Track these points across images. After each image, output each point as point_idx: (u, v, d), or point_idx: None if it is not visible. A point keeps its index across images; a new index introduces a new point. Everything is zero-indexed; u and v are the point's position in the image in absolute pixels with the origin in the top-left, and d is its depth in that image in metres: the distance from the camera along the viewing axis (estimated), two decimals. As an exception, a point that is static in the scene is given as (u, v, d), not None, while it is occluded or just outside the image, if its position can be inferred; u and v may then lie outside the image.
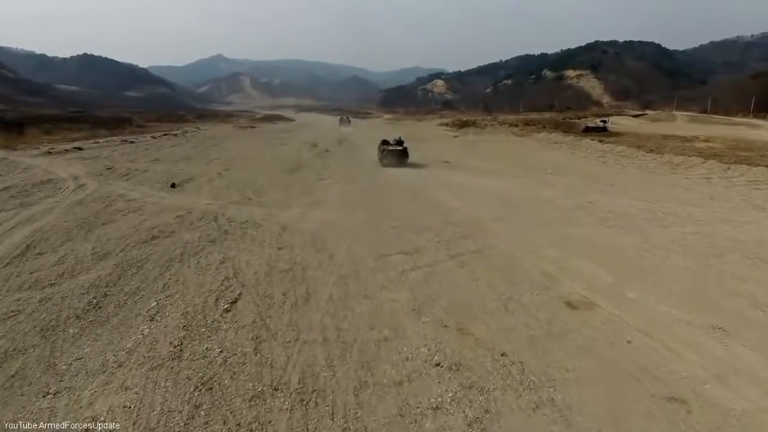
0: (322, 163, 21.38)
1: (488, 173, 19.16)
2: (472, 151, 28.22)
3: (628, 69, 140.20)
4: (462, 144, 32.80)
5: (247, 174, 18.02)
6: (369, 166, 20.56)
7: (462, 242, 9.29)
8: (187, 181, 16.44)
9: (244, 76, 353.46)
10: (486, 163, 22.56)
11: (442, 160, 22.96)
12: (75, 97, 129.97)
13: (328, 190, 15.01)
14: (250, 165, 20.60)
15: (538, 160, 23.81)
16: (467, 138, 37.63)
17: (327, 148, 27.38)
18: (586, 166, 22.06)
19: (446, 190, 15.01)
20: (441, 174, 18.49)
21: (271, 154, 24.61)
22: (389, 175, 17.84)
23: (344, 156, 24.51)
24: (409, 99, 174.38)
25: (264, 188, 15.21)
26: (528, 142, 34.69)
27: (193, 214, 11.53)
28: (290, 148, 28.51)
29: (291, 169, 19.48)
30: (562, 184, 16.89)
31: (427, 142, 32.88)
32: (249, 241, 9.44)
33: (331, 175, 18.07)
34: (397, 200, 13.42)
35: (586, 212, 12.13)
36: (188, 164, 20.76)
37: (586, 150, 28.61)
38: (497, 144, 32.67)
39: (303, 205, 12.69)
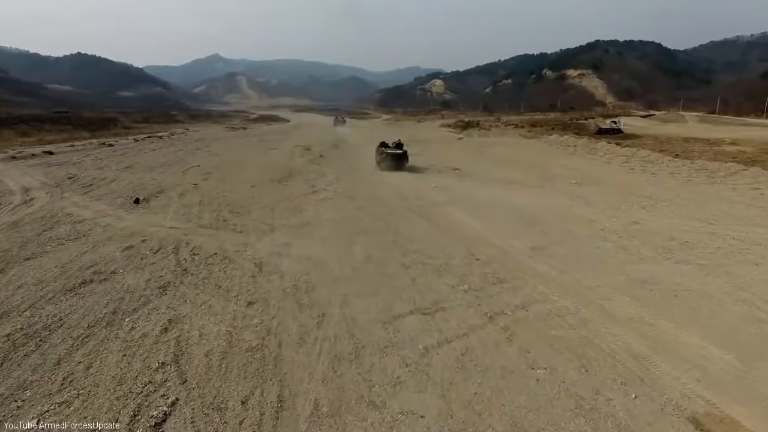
0: (315, 171, 18.95)
1: (505, 183, 16.77)
2: (480, 155, 25.82)
3: (630, 69, 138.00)
4: (468, 147, 30.39)
5: (229, 185, 15.58)
6: (368, 175, 18.16)
7: (498, 291, 6.89)
8: (156, 194, 13.98)
9: (241, 75, 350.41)
10: (499, 170, 20.17)
11: (449, 166, 20.57)
12: (66, 97, 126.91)
13: (320, 207, 12.57)
14: (234, 173, 18.15)
15: (557, 167, 21.42)
16: (473, 140, 35.23)
17: (321, 153, 24.95)
18: (612, 174, 19.68)
19: (461, 206, 12.60)
20: (451, 184, 16.10)
21: (260, 160, 22.17)
22: (392, 187, 15.42)
23: (340, 162, 22.08)
24: (407, 99, 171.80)
25: (245, 204, 12.77)
26: (539, 144, 32.31)
27: (149, 243, 9.09)
28: (282, 152, 26.05)
29: (280, 178, 17.03)
30: (594, 197, 14.52)
31: (430, 145, 30.47)
32: (211, 288, 7.01)
33: (326, 186, 15.65)
34: (404, 221, 10.99)
35: (640, 239, 9.73)
36: (164, 172, 18.29)
37: (604, 154, 26.26)
38: (506, 147, 30.27)
39: (289, 230, 10.26)
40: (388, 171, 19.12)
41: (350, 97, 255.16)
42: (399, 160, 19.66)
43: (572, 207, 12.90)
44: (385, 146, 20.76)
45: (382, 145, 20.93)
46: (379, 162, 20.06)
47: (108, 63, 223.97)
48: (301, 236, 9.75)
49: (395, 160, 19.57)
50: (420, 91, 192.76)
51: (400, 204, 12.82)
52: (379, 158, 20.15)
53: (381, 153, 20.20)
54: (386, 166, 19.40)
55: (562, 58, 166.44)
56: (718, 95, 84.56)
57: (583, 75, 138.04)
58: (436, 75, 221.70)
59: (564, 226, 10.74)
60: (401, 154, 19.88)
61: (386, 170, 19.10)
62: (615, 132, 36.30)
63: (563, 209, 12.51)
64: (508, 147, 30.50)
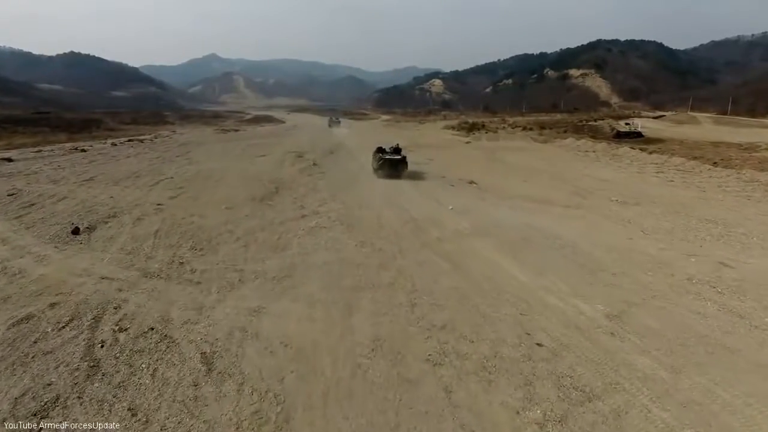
0: (306, 186, 16.18)
1: (533, 202, 14.04)
2: (494, 163, 23.09)
3: (633, 68, 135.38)
4: (478, 153, 27.64)
5: (200, 206, 12.81)
6: (369, 191, 15.39)
7: (593, 422, 4.15)
8: (107, 219, 11.20)
9: (238, 75, 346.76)
10: (520, 182, 17.48)
11: (463, 178, 17.83)
12: (56, 97, 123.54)
13: (310, 240, 9.81)
14: (211, 188, 15.37)
15: (585, 179, 18.74)
16: (482, 144, 32.49)
17: (315, 161, 22.13)
18: (652, 188, 16.98)
19: (491, 239, 9.85)
20: (471, 205, 13.35)
21: (245, 170, 19.35)
22: (400, 209, 12.66)
23: (336, 173, 19.30)
24: (406, 99, 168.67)
25: (213, 236, 10.01)
26: (555, 150, 29.62)
27: (60, 310, 6.38)
28: (271, 159, 23.23)
29: (263, 196, 14.25)
30: (647, 222, 11.81)
31: (438, 150, 27.72)
32: (118, 418, 4.26)
33: (318, 207, 12.89)
34: (421, 267, 8.23)
35: (752, 297, 7.02)
36: (128, 187, 15.49)
37: (631, 162, 23.61)
38: (520, 153, 27.54)
39: (264, 282, 7.52)
40: (386, 179, 17.61)
41: (348, 97, 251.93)
42: (397, 166, 18.19)
43: (630, 239, 10.17)
44: (382, 152, 19.17)
45: (379, 151, 19.35)
46: (377, 169, 18.57)
47: (102, 62, 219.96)
48: (280, 294, 7.00)
49: (393, 167, 18.11)
50: (419, 91, 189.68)
51: (413, 236, 10.06)
52: (377, 165, 18.61)
53: (378, 159, 18.61)
54: (384, 174, 17.96)
55: (564, 58, 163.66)
56: (726, 95, 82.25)
57: (586, 75, 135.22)
58: (434, 75, 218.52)
59: (634, 274, 8.00)
60: (400, 160, 18.37)
61: (384, 178, 17.70)
62: (635, 136, 33.64)
63: (621, 244, 9.77)
64: (521, 153, 27.77)
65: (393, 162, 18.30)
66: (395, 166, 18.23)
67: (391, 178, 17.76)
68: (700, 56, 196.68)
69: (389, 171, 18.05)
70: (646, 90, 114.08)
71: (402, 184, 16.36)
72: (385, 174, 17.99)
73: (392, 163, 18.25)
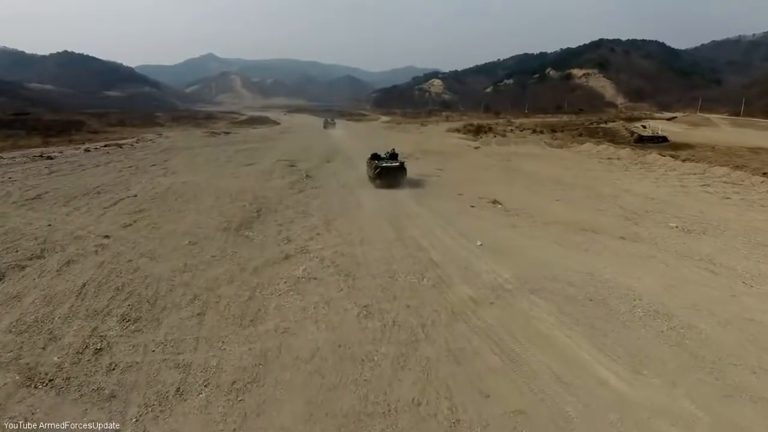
0: (295, 207, 13.36)
1: (579, 231, 11.24)
2: (514, 175, 20.28)
3: (637, 68, 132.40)
4: (492, 161, 24.84)
5: (157, 239, 10.00)
6: (374, 215, 12.55)
7: None
8: (25, 263, 8.43)
9: (235, 75, 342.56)
10: (554, 202, 14.69)
11: (485, 196, 15.01)
12: (46, 97, 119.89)
13: (293, 303, 7.02)
14: (178, 212, 12.54)
15: (624, 194, 15.98)
16: (492, 150, 29.67)
17: (308, 172, 19.26)
18: (709, 207, 14.19)
19: (548, 303, 7.07)
20: (505, 239, 10.54)
21: (226, 185, 16.48)
22: (416, 246, 9.85)
23: (333, 188, 16.47)
24: (405, 99, 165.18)
25: (160, 293, 7.25)
26: (575, 157, 26.85)
27: None
28: (259, 170, 20.34)
29: (241, 222, 11.45)
30: (738, 263, 9.06)
31: (446, 158, 24.87)
32: None
33: (308, 241, 10.10)
34: (460, 364, 5.44)
35: None
36: (78, 209, 12.66)
37: (666, 172, 20.88)
38: (538, 161, 24.77)
39: (214, 396, 4.75)
40: (384, 188, 16.00)
41: (346, 97, 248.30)
42: (395, 174, 16.62)
43: (733, 296, 7.40)
44: (377, 158, 17.53)
45: (374, 157, 17.68)
46: (373, 178, 16.81)
47: (96, 62, 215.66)
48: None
49: (391, 175, 16.50)
50: (418, 91, 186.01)
51: (438, 296, 7.25)
52: (373, 173, 16.84)
53: (374, 167, 16.75)
54: (381, 183, 16.32)
55: (565, 58, 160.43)
56: (733, 96, 79.71)
57: (589, 74, 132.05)
58: (433, 75, 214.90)
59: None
60: (398, 168, 16.78)
61: (382, 187, 16.11)
62: (659, 140, 30.94)
63: (729, 309, 6.98)
64: (539, 161, 24.99)
65: (390, 170, 16.55)
66: (393, 174, 16.54)
67: (389, 188, 16.01)
68: (702, 56, 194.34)
69: (387, 180, 16.37)
70: (651, 90, 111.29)
71: (413, 205, 13.52)
72: (383, 183, 16.28)
73: (390, 171, 16.51)
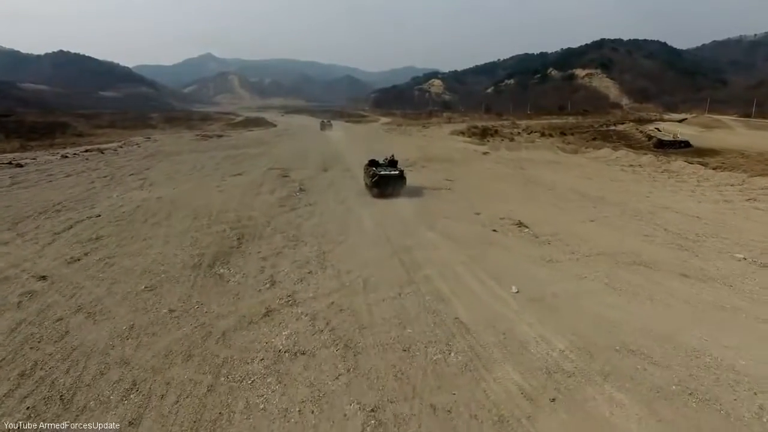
0: (286, 230, 11.27)
1: (631, 266, 9.14)
2: (533, 188, 18.18)
3: (641, 68, 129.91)
4: (505, 170, 22.74)
5: (104, 282, 7.89)
6: (379, 244, 10.43)
7: None
8: None
9: (233, 75, 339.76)
10: (588, 223, 12.59)
11: (507, 216, 12.89)
12: (39, 97, 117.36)
13: (267, 413, 4.89)
14: (143, 240, 10.41)
15: (667, 213, 13.89)
16: (502, 156, 27.55)
17: (302, 184, 17.14)
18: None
19: (636, 404, 4.96)
20: (543, 281, 8.42)
21: (207, 201, 14.35)
22: (438, 297, 7.73)
23: (330, 205, 14.35)
24: (404, 100, 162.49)
25: (79, 383, 5.12)
26: (593, 164, 24.76)
27: None
28: (248, 180, 18.23)
29: (216, 254, 9.34)
30: None
31: (455, 166, 22.73)
32: None
33: (298, 282, 8.04)
34: None
35: None
36: (22, 235, 10.56)
37: (700, 183, 18.82)
38: (556, 170, 22.68)
39: None
40: (381, 198, 15.09)
41: (344, 98, 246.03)
42: (394, 183, 15.60)
43: None
44: (375, 165, 16.52)
45: (372, 164, 16.62)
46: (370, 186, 15.82)
47: (92, 62, 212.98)
48: None
49: (389, 184, 15.48)
50: (418, 91, 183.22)
51: (475, 387, 5.13)
52: (370, 181, 15.83)
53: (371, 175, 15.74)
54: (379, 192, 15.36)
55: (567, 58, 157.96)
56: (741, 97, 77.78)
57: (592, 75, 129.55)
58: (433, 75, 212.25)
59: None
60: (397, 176, 15.72)
61: (379, 197, 15.18)
62: (681, 145, 28.87)
63: None
64: (556, 169, 22.91)
65: (388, 178, 15.49)
66: (391, 183, 15.50)
67: (387, 197, 15.08)
68: (703, 56, 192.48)
69: (385, 188, 15.37)
70: (655, 91, 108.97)
71: (424, 230, 11.33)
72: (380, 192, 15.31)
73: (388, 180, 15.46)
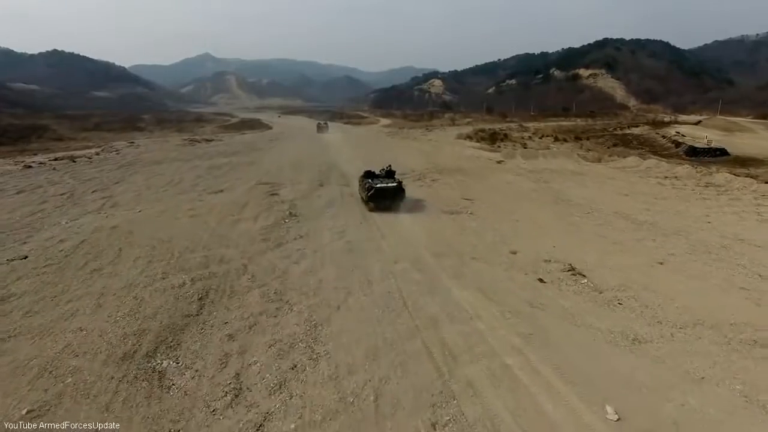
0: (266, 280, 8.52)
1: (755, 348, 6.37)
2: (566, 208, 15.43)
3: (645, 68, 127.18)
4: (526, 182, 19.94)
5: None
6: (391, 307, 7.64)
7: None
8: None
9: (230, 75, 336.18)
10: (659, 269, 9.80)
11: (552, 258, 10.11)
12: (28, 97, 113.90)
13: None
14: (67, 300, 7.63)
15: (743, 246, 11.16)
16: (519, 166, 24.73)
17: (293, 207, 14.28)
18: None
19: None
20: (646, 391, 5.64)
21: (171, 233, 11.55)
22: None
23: (325, 239, 11.54)
24: (404, 100, 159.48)
25: None
26: (622, 175, 21.97)
27: None
28: (229, 199, 15.40)
29: (159, 334, 6.54)
30: None
31: (470, 179, 19.90)
32: None
33: (272, 391, 5.29)
34: None
35: None
36: None
37: (760, 201, 16.07)
38: (583, 184, 19.91)
39: None
40: (378, 212, 13.81)
41: (343, 98, 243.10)
42: (392, 196, 14.37)
43: None
44: (371, 176, 15.51)
45: (368, 176, 15.57)
46: (366, 200, 14.53)
47: (87, 61, 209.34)
48: None
49: (386, 197, 14.24)
50: (418, 91, 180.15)
51: None
52: (365, 195, 14.56)
53: (367, 187, 14.42)
54: (376, 206, 14.12)
55: (569, 57, 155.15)
56: (751, 97, 75.50)
57: (596, 75, 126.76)
58: (432, 75, 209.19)
59: None
60: (395, 189, 14.48)
61: (376, 211, 13.94)
62: (717, 153, 26.16)
63: None
64: (583, 182, 20.14)
65: (385, 191, 14.18)
66: (389, 196, 14.23)
67: (384, 211, 13.81)
68: (707, 56, 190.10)
69: (381, 202, 14.11)
70: (662, 91, 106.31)
71: (454, 286, 8.43)
72: (377, 206, 14.03)
73: (384, 193, 14.15)
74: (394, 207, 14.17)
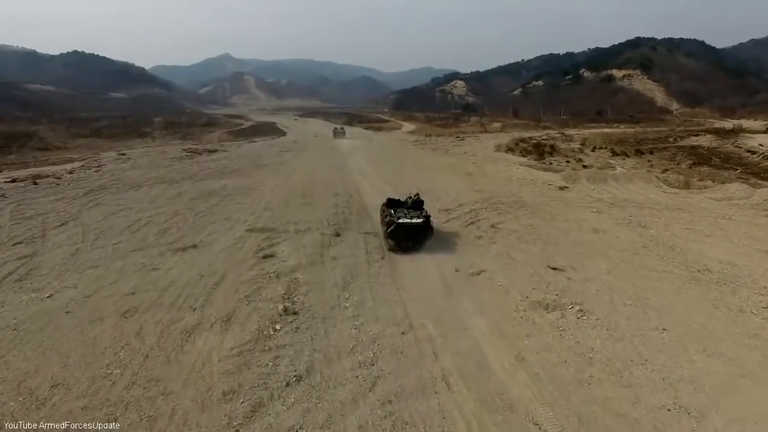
0: None
1: None
2: (719, 296, 9.85)
3: (684, 68, 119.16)
4: (615, 226, 14.45)
5: None
6: None
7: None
8: None
9: (249, 75, 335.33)
10: None
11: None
12: (43, 99, 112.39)
13: None
14: None
15: None
16: (590, 195, 19.17)
17: (289, 292, 9.10)
18: None
19: None
20: None
21: (62, 378, 6.70)
22: None
23: (345, 367, 6.56)
24: (426, 101, 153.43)
25: None
26: (731, 212, 16.22)
27: None
28: (193, 274, 10.28)
29: None
30: None
31: (536, 218, 14.51)
32: None
33: None
34: None
35: None
36: None
37: None
38: (689, 224, 14.36)
39: None
40: (401, 253, 11.02)
41: (361, 99, 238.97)
42: (416, 234, 11.33)
43: None
44: (394, 205, 12.63)
45: (390, 204, 12.70)
46: (386, 237, 11.64)
47: (106, 62, 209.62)
48: None
49: (409, 236, 11.28)
50: (440, 92, 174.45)
51: None
52: (386, 230, 11.60)
53: (388, 221, 11.57)
54: (397, 245, 11.26)
55: (599, 57, 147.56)
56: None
57: (631, 76, 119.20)
58: (453, 76, 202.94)
59: None
60: (420, 226, 11.39)
61: (397, 251, 11.16)
62: None
63: None
64: (691, 223, 14.54)
65: (409, 228, 11.30)
66: (412, 234, 11.36)
67: (408, 252, 11.15)
68: (743, 56, 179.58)
69: (403, 242, 11.32)
70: (705, 93, 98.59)
71: None
72: (399, 246, 11.30)
73: (407, 231, 11.29)
74: (417, 247, 11.42)
